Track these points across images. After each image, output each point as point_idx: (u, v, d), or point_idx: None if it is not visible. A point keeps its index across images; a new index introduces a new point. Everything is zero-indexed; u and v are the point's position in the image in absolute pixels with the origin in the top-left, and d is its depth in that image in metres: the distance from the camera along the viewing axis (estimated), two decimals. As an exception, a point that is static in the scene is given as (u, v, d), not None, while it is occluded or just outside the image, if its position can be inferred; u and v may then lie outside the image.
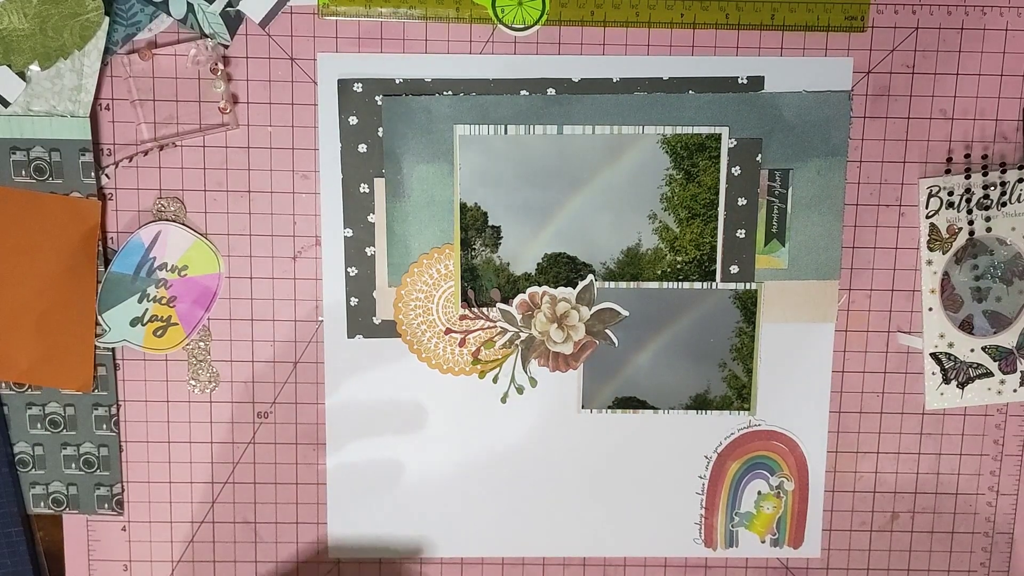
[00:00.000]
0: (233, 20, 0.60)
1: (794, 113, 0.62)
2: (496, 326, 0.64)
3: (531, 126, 0.61)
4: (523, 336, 0.64)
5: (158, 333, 0.63)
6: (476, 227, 0.63)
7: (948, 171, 0.63)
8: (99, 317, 0.62)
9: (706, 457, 0.66)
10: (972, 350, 0.65)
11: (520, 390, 0.65)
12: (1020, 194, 0.63)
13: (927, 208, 0.63)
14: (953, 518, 0.68)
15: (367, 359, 0.64)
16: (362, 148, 0.62)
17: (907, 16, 0.62)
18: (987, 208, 0.63)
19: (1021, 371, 0.65)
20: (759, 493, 0.67)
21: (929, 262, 0.64)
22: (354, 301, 0.63)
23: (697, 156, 0.62)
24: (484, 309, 0.63)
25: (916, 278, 0.65)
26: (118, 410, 0.64)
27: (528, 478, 0.66)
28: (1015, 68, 0.63)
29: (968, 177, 0.63)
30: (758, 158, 0.62)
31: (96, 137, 0.61)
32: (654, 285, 0.63)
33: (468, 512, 0.66)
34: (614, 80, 0.61)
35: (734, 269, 0.64)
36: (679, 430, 0.66)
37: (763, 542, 0.68)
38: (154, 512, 0.66)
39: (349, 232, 0.63)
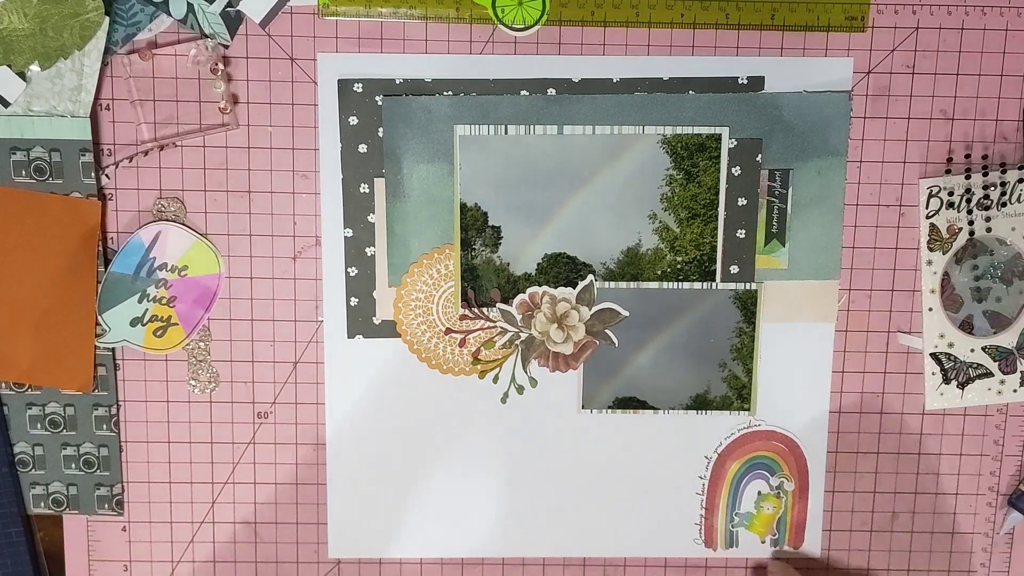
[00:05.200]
0: (233, 20, 0.60)
1: (794, 113, 0.62)
2: (496, 326, 0.63)
3: (531, 126, 0.61)
4: (523, 336, 0.63)
5: (158, 333, 0.63)
6: (476, 227, 0.62)
7: (948, 171, 0.63)
8: (99, 317, 0.62)
9: (706, 457, 0.66)
10: (972, 350, 0.65)
11: (520, 390, 0.65)
12: (1020, 194, 0.63)
13: (927, 208, 0.63)
14: (953, 518, 0.68)
15: (367, 359, 0.64)
16: (362, 148, 0.62)
17: (907, 16, 0.62)
18: (987, 208, 0.63)
19: (1021, 371, 0.65)
20: (759, 493, 0.67)
21: (929, 262, 0.64)
22: (354, 301, 0.63)
23: (697, 156, 0.62)
24: (484, 309, 0.63)
25: (916, 278, 0.65)
26: (118, 410, 0.64)
27: (528, 478, 0.66)
28: (1015, 68, 0.63)
29: (968, 177, 0.63)
30: (758, 158, 0.62)
31: (96, 137, 0.61)
32: (654, 285, 0.63)
33: (468, 512, 0.66)
34: (614, 80, 0.61)
35: (734, 269, 0.64)
36: (679, 430, 0.66)
37: (763, 542, 0.68)
38: (154, 512, 0.66)
39: (349, 232, 0.63)
